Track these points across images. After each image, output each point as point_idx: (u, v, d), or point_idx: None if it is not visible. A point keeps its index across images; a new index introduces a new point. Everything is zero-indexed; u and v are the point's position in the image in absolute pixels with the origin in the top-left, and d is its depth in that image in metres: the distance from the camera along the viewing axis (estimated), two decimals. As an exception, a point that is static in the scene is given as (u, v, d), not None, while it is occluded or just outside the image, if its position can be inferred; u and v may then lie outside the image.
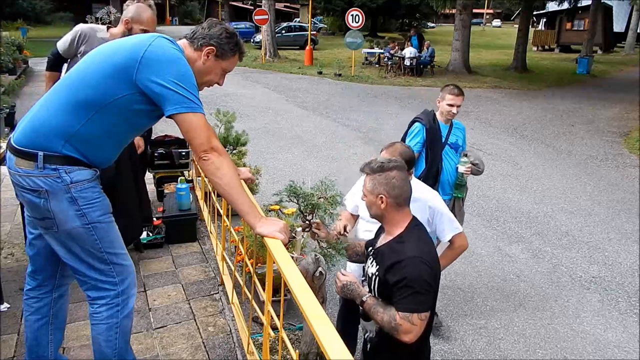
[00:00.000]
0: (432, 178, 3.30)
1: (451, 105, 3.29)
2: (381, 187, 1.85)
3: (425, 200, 2.46)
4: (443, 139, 3.35)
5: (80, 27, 3.26)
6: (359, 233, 2.64)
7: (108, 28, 3.30)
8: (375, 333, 1.99)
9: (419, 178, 3.10)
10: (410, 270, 1.77)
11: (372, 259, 2.00)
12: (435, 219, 2.49)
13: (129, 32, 3.12)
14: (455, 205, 3.44)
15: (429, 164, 3.33)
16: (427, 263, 1.80)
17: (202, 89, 1.93)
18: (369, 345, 2.04)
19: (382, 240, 1.99)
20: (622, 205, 6.07)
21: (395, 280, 1.80)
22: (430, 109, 3.48)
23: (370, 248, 2.08)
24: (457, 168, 3.33)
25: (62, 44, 3.25)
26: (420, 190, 2.46)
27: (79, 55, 3.16)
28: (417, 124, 3.35)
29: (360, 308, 1.97)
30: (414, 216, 1.96)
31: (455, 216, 2.89)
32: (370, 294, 1.95)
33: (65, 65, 3.35)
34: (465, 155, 3.31)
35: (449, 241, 2.59)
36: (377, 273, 1.91)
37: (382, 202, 1.86)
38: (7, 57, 12.28)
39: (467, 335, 3.47)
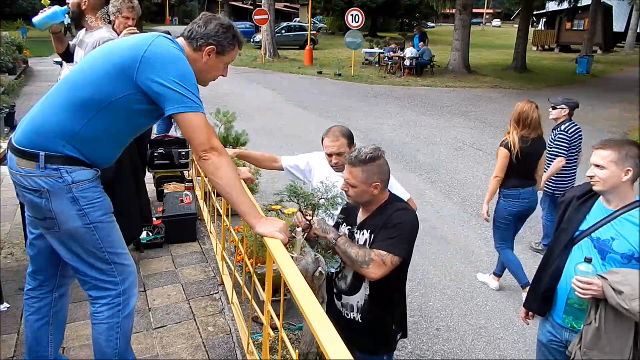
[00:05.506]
0: (544, 284, 2.13)
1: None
2: (376, 176, 2.00)
3: None
4: (579, 228, 2.03)
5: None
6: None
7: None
8: (364, 301, 2.06)
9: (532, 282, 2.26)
10: (401, 215, 1.99)
11: (359, 232, 2.09)
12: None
13: (116, 26, 3.42)
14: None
15: (543, 260, 2.19)
16: (415, 216, 2.04)
17: (208, 84, 1.96)
18: (360, 316, 2.10)
19: (364, 214, 2.12)
20: (622, 206, 6.05)
21: (384, 222, 1.98)
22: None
23: (347, 227, 2.16)
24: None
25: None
26: None
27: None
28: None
29: (339, 287, 2.13)
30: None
31: None
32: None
33: (64, 67, 3.37)
34: (590, 262, 1.90)
35: None
36: (371, 237, 2.02)
37: (377, 189, 2.01)
38: (7, 57, 12.28)
39: (467, 335, 3.47)
